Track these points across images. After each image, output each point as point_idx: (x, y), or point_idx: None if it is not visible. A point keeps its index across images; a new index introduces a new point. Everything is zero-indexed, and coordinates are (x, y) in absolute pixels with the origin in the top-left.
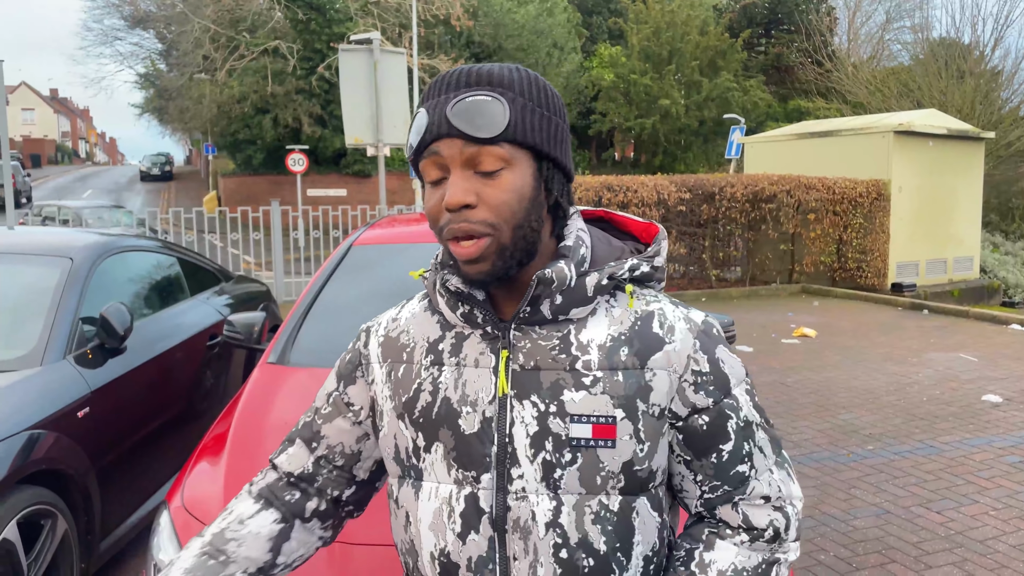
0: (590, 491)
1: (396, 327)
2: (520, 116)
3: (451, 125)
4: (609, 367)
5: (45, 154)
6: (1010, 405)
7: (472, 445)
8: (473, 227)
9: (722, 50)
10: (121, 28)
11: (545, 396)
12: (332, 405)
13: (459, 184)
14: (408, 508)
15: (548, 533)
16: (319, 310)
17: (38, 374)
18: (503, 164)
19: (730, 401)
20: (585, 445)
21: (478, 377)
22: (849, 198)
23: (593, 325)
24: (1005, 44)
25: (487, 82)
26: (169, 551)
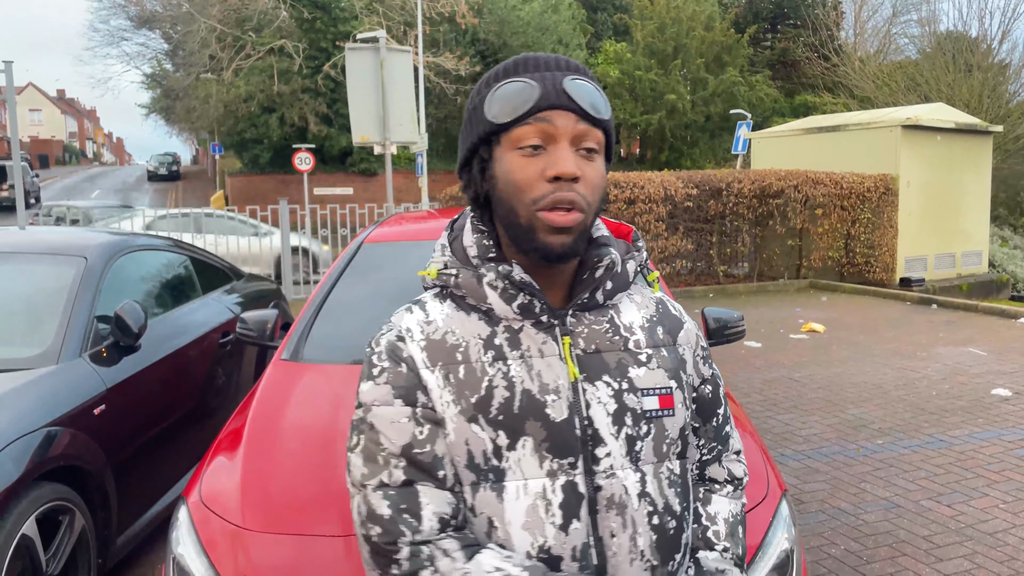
0: (660, 459)
1: (435, 329)
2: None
3: (570, 99)
4: (654, 345)
5: (53, 154)
6: (1019, 399)
7: (564, 432)
8: (577, 199)
9: (728, 45)
10: (127, 28)
11: (615, 375)
12: (426, 421)
13: (570, 157)
14: (491, 512)
15: (641, 503)
16: (331, 307)
17: (54, 372)
18: (599, 147)
19: (716, 370)
20: (655, 416)
21: (549, 366)
22: (857, 193)
23: (625, 309)
24: (1013, 37)
25: (583, 72)
26: (188, 545)
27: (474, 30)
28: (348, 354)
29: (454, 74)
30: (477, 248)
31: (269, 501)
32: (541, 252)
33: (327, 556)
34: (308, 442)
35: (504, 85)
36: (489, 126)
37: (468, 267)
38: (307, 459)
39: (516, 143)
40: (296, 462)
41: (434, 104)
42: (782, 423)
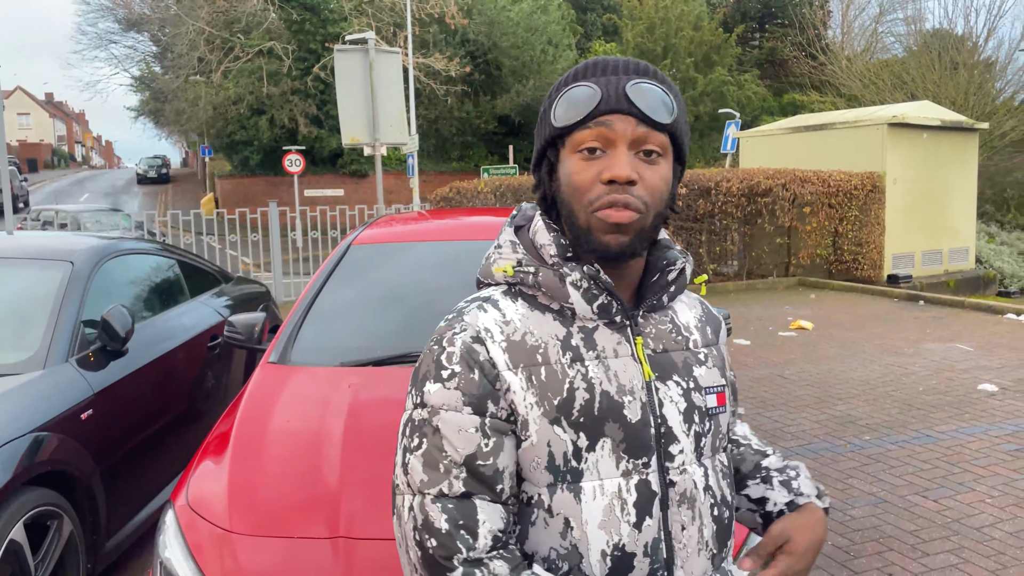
0: (715, 452)
1: (514, 330)
2: (680, 115)
3: (630, 103)
4: (706, 344)
5: (41, 158)
6: (1006, 394)
7: (639, 432)
8: (632, 200)
9: (716, 45)
10: (115, 31)
11: (683, 374)
12: (494, 433)
13: (627, 161)
14: (568, 513)
15: (706, 496)
16: (319, 309)
17: (41, 377)
18: (662, 151)
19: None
20: (715, 413)
21: (624, 367)
22: (844, 191)
23: (680, 310)
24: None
25: (655, 75)
26: (175, 549)
27: (463, 31)
28: (336, 356)
29: (444, 75)
30: (556, 247)
31: (256, 504)
32: (599, 252)
33: (315, 559)
34: (296, 445)
35: (570, 89)
36: (553, 129)
37: (546, 266)
38: (295, 462)
39: (577, 146)
40: (283, 465)
41: (424, 105)
42: (771, 420)
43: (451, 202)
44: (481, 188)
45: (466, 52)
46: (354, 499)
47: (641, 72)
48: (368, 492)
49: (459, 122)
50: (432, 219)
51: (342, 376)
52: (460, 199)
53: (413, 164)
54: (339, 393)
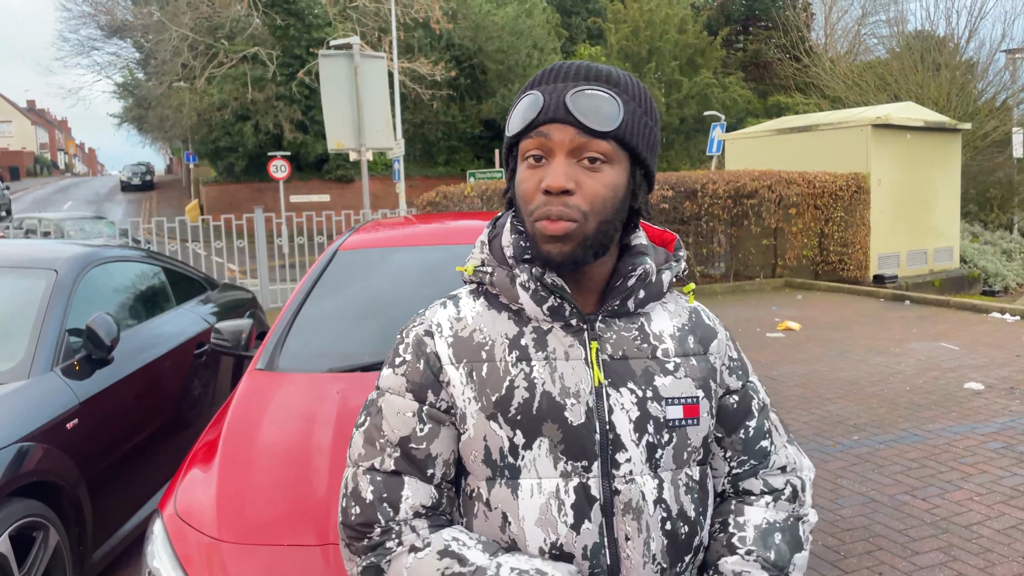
0: (679, 466)
1: (463, 326)
2: (630, 119)
3: (568, 112)
4: (683, 354)
5: (23, 166)
6: (992, 392)
7: (581, 435)
8: (567, 211)
9: (701, 48)
10: (98, 38)
11: (640, 383)
12: (429, 420)
13: (563, 170)
14: (505, 508)
15: (656, 509)
16: (306, 315)
17: (26, 387)
18: (607, 159)
19: (752, 384)
20: (678, 425)
21: (573, 370)
22: (829, 192)
23: (657, 318)
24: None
25: (605, 80)
26: (163, 559)
27: (448, 35)
28: (324, 362)
29: (429, 79)
30: (514, 248)
31: (245, 513)
32: (543, 260)
33: (304, 567)
34: (284, 452)
35: (522, 97)
36: (507, 137)
37: (504, 266)
38: (283, 470)
39: (523, 154)
40: (272, 473)
41: (410, 109)
42: None
43: (438, 206)
44: (468, 192)
45: (451, 56)
46: None
47: (591, 78)
48: None
49: (445, 126)
50: (419, 224)
51: (330, 382)
52: (447, 203)
53: (399, 169)
54: (327, 399)
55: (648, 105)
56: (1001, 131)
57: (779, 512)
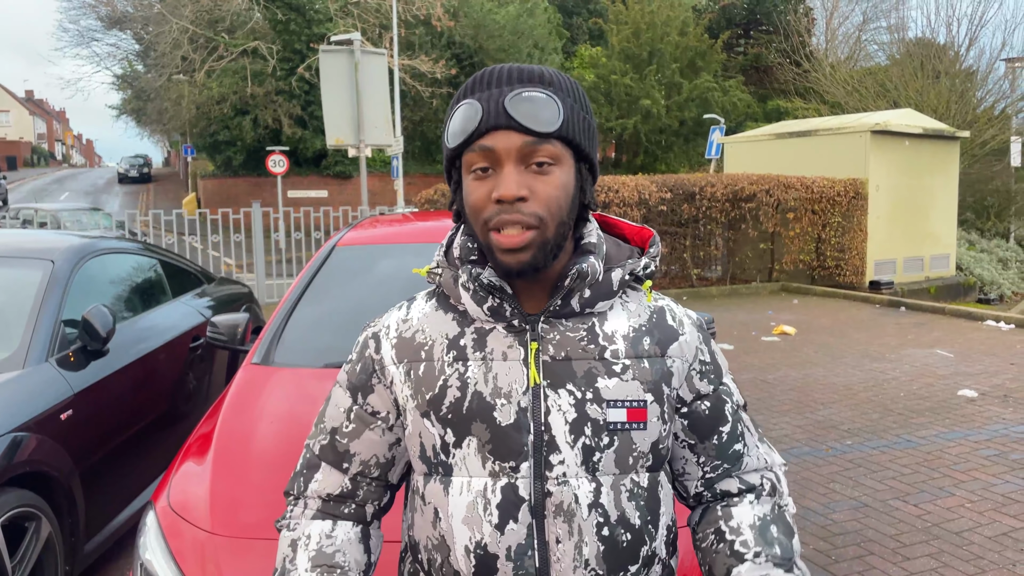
0: (623, 471)
1: (408, 327)
2: (570, 116)
3: (509, 117)
4: (635, 355)
5: (21, 156)
6: (985, 399)
7: (509, 436)
8: (524, 219)
9: (702, 51)
10: (98, 29)
11: (580, 384)
12: (355, 420)
13: (514, 177)
14: (437, 504)
15: (591, 514)
16: (303, 310)
17: (20, 377)
18: (555, 160)
19: (725, 387)
20: (621, 428)
21: (509, 370)
22: (827, 197)
23: (614, 317)
24: (979, 44)
25: (539, 80)
26: (156, 551)
27: (450, 33)
28: (319, 358)
29: (430, 77)
30: (460, 249)
31: (239, 506)
32: (502, 270)
33: None
34: (278, 447)
35: (457, 108)
36: (448, 150)
37: (452, 267)
38: (277, 463)
39: (469, 166)
40: (266, 467)
41: (409, 107)
42: None
43: (435, 204)
44: None
45: (452, 54)
46: None
47: (525, 79)
48: None
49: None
50: (416, 221)
51: (325, 378)
52: (444, 201)
53: (398, 166)
54: (322, 395)
55: (583, 99)
56: (999, 140)
57: (764, 505)
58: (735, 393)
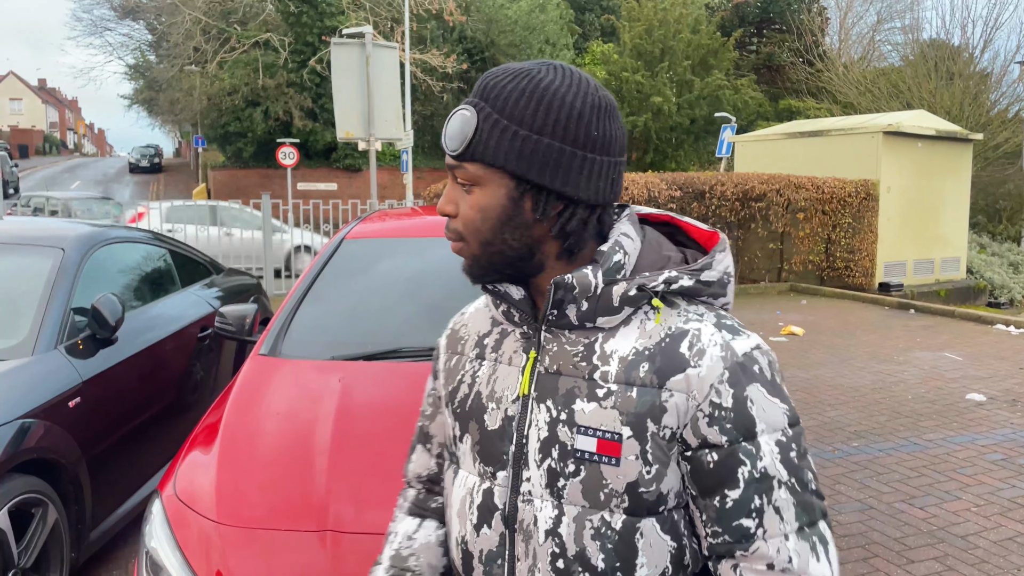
0: (593, 505)
1: (461, 320)
2: (488, 135)
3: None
4: (625, 381)
5: (33, 145)
6: (993, 404)
7: (493, 441)
8: (448, 233)
9: (714, 49)
10: (111, 19)
11: (559, 403)
12: (431, 404)
13: (447, 193)
14: (448, 491)
15: (547, 540)
16: (311, 302)
17: (29, 364)
18: (472, 182)
19: (748, 446)
20: (588, 459)
21: (507, 375)
22: (838, 198)
23: (622, 336)
24: (994, 46)
25: (480, 93)
26: (161, 539)
27: (461, 28)
28: (327, 350)
29: (440, 71)
30: None
31: (244, 496)
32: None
33: (301, 552)
34: (285, 438)
35: None
36: None
37: None
38: (283, 454)
39: None
40: (272, 458)
41: (420, 101)
42: None
43: None
44: None
45: (463, 49)
46: (342, 493)
47: (477, 92)
48: (357, 486)
49: None
50: (425, 215)
51: (333, 370)
52: None
53: (407, 160)
54: (329, 387)
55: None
56: (1013, 143)
57: None
58: (768, 459)
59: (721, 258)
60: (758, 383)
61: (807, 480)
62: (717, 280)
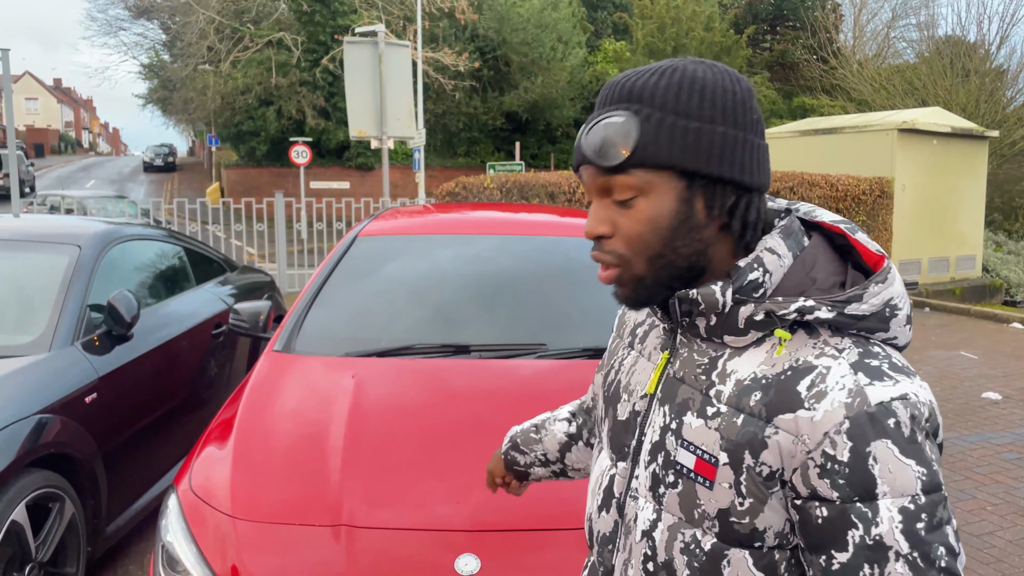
0: (689, 520)
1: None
2: (655, 135)
3: (582, 153)
4: (736, 406)
5: (48, 144)
6: (1009, 402)
7: (619, 432)
8: (603, 256)
9: (727, 46)
10: (125, 18)
11: (674, 410)
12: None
13: (596, 213)
14: (592, 465)
15: (642, 540)
16: (324, 299)
17: (46, 360)
18: (635, 192)
19: (863, 508)
20: (686, 475)
21: (643, 370)
22: (852, 195)
23: (748, 358)
24: (1011, 42)
25: (627, 97)
26: (177, 534)
27: (473, 26)
28: (340, 346)
29: (452, 70)
30: None
31: (259, 491)
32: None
33: (316, 546)
34: (299, 433)
35: None
36: None
37: None
38: (298, 450)
39: None
40: (286, 453)
41: (432, 100)
42: None
43: (456, 197)
44: (487, 184)
45: (475, 47)
46: (356, 488)
47: (614, 99)
48: (370, 481)
49: (466, 118)
50: (437, 213)
51: (346, 366)
52: (466, 195)
53: (419, 159)
54: (342, 383)
55: (693, 104)
56: None
57: None
58: (886, 527)
59: (877, 290)
60: (889, 439)
61: (935, 556)
62: (873, 314)
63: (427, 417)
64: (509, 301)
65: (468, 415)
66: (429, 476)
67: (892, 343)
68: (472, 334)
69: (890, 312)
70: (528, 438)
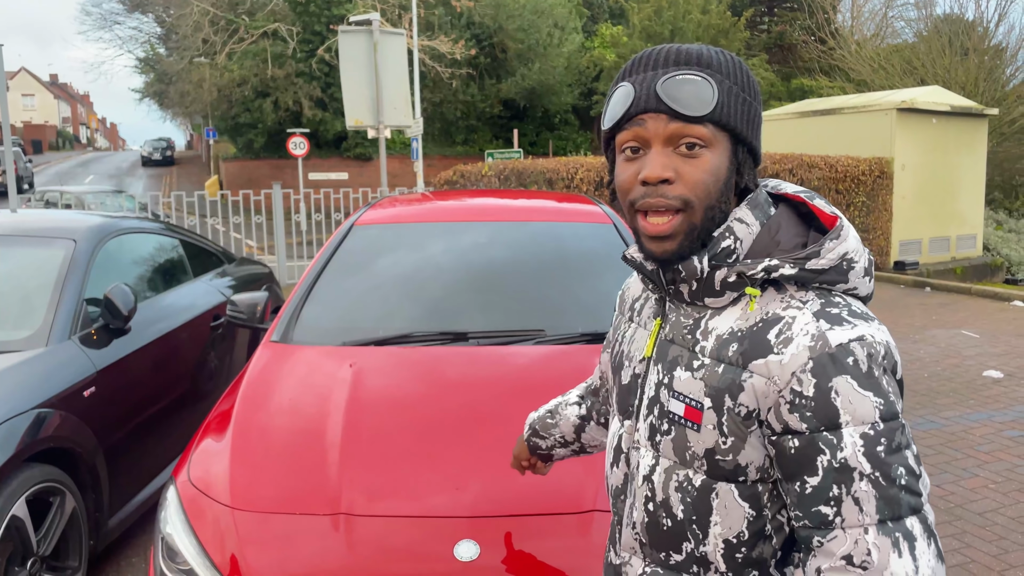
0: (681, 462)
1: (628, 284)
2: (726, 99)
3: (659, 100)
4: (716, 357)
5: (46, 140)
6: (1011, 380)
7: (624, 395)
8: (669, 202)
9: (724, 29)
10: (120, 12)
11: (665, 368)
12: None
13: (659, 159)
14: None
15: (643, 484)
16: (321, 289)
17: (44, 354)
18: (704, 144)
19: (829, 436)
20: (677, 421)
21: (641, 338)
22: (852, 176)
23: (726, 316)
24: (1009, 20)
25: (696, 62)
26: (176, 525)
27: (469, 13)
28: (338, 336)
29: (449, 58)
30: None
31: (258, 481)
32: (648, 256)
33: (315, 535)
34: (297, 423)
35: (615, 90)
36: (604, 131)
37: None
38: (296, 440)
39: (620, 146)
40: (285, 443)
41: (429, 88)
42: None
43: (455, 185)
44: (485, 172)
45: (471, 35)
46: (355, 476)
47: (682, 61)
48: (369, 470)
49: (464, 105)
50: (434, 201)
51: (344, 355)
52: (464, 183)
53: (417, 148)
54: (341, 372)
55: (744, 80)
56: None
57: None
58: (850, 451)
59: (832, 246)
60: (848, 375)
61: (895, 475)
62: (832, 268)
63: (426, 405)
64: (507, 287)
65: (467, 402)
66: (428, 464)
67: (853, 293)
68: (470, 321)
69: (847, 265)
70: (545, 423)
